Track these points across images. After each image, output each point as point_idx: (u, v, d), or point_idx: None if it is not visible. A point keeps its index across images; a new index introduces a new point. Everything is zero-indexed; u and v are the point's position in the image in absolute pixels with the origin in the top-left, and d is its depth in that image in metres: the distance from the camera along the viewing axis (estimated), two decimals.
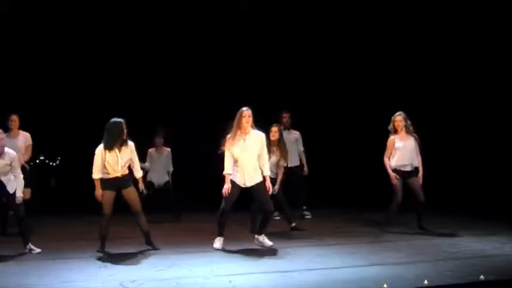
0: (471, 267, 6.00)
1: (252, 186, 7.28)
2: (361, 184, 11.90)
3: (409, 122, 8.56)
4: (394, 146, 8.52)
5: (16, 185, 7.12)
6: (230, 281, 5.57)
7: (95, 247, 7.24)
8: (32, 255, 6.98)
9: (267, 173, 7.34)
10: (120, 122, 7.09)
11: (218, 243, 7.36)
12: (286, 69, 12.53)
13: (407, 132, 8.55)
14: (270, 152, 8.10)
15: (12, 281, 5.71)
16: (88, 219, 9.96)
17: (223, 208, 7.30)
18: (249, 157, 7.22)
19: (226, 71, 12.57)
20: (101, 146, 7.12)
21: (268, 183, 7.31)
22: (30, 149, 8.79)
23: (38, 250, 7.10)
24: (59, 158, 11.64)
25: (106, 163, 7.07)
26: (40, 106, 11.11)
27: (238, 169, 7.24)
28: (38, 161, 8.07)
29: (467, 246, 7.28)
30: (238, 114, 7.24)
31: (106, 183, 7.14)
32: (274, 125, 8.60)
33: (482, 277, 5.50)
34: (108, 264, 6.44)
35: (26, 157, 8.65)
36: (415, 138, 8.58)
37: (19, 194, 7.11)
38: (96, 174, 7.13)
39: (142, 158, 8.80)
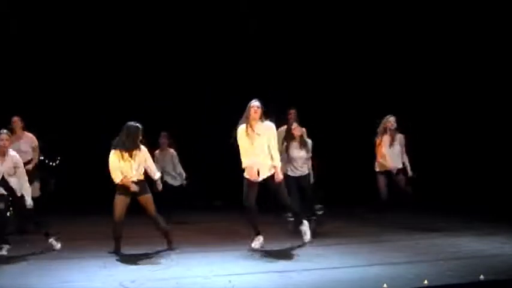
0: (471, 267, 6.01)
1: (267, 180, 7.26)
2: (361, 184, 11.88)
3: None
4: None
5: (24, 192, 7.09)
6: (230, 281, 5.58)
7: (95, 247, 7.24)
8: (31, 255, 6.96)
9: (278, 163, 7.32)
10: (139, 126, 7.08)
11: (256, 242, 7.32)
12: (287, 68, 12.52)
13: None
14: (290, 146, 8.49)
15: (12, 281, 5.71)
16: (88, 219, 9.98)
17: (245, 205, 7.25)
18: (261, 148, 7.20)
19: (227, 71, 12.56)
20: (114, 151, 7.03)
21: (278, 174, 7.29)
22: (37, 150, 8.79)
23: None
24: (59, 158, 11.62)
25: (120, 168, 7.01)
26: (39, 106, 11.10)
27: (250, 163, 7.18)
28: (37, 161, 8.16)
29: (467, 246, 7.28)
30: (247, 108, 7.26)
31: (121, 188, 7.06)
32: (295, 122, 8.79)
33: (482, 277, 5.51)
34: (108, 264, 6.44)
35: (35, 160, 8.67)
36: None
37: (29, 202, 7.08)
38: (118, 178, 7.02)
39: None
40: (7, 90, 11.23)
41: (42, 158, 9.24)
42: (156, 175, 7.47)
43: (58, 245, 7.26)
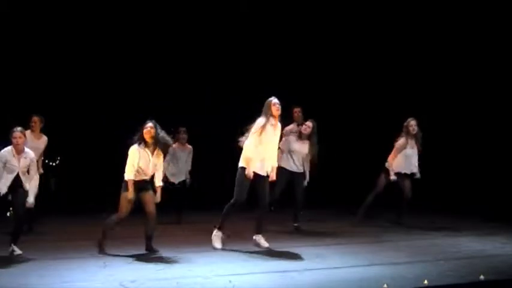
0: (471, 267, 6.02)
1: (262, 176, 7.23)
2: (361, 184, 11.89)
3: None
4: None
5: (29, 190, 6.99)
6: (230, 281, 5.58)
7: (95, 247, 7.23)
8: (32, 255, 6.95)
9: (275, 164, 7.41)
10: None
11: (218, 241, 7.30)
12: (287, 68, 12.51)
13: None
14: (292, 139, 8.57)
15: (12, 281, 5.71)
16: (88, 219, 9.97)
17: (238, 200, 7.18)
18: (272, 147, 7.27)
19: (227, 71, 12.54)
20: (135, 146, 6.99)
21: (274, 174, 7.36)
22: (43, 154, 8.77)
23: (20, 252, 6.94)
24: (59, 158, 11.61)
25: (138, 165, 6.96)
26: (39, 106, 11.08)
27: (258, 157, 7.15)
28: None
29: (467, 246, 7.30)
30: (267, 104, 7.19)
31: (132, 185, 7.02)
32: (311, 120, 8.76)
33: (482, 277, 5.52)
34: (108, 264, 6.44)
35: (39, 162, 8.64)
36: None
37: (31, 200, 6.98)
38: (130, 175, 6.95)
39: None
40: (6, 91, 11.22)
41: (42, 158, 9.22)
42: (160, 182, 7.22)
43: (18, 251, 6.95)
